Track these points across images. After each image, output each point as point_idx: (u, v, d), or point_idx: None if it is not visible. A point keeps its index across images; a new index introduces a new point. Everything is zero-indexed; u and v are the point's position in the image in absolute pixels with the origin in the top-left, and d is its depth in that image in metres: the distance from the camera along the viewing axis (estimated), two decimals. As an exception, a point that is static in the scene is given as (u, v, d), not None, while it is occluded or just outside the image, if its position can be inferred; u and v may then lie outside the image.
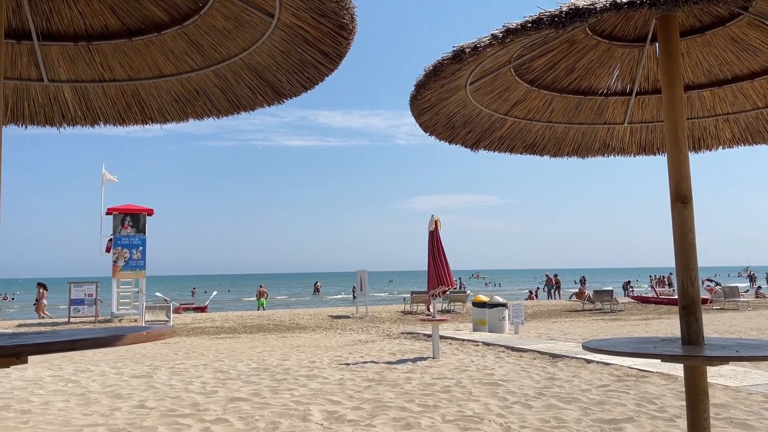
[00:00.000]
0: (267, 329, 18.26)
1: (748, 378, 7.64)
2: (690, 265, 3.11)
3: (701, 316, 3.14)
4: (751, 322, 16.91)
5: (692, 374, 3.06)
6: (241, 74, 3.25)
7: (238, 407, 6.68)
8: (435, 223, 11.21)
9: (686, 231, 3.13)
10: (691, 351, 2.94)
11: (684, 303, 3.12)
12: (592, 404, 6.47)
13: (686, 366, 3.09)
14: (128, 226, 20.49)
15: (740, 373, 8.00)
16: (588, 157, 4.57)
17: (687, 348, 3.02)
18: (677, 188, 3.16)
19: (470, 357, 10.59)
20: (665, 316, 21.21)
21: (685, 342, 3.10)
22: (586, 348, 3.19)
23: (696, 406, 3.04)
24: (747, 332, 14.15)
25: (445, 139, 4.06)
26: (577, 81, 4.05)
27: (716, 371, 8.07)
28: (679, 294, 3.16)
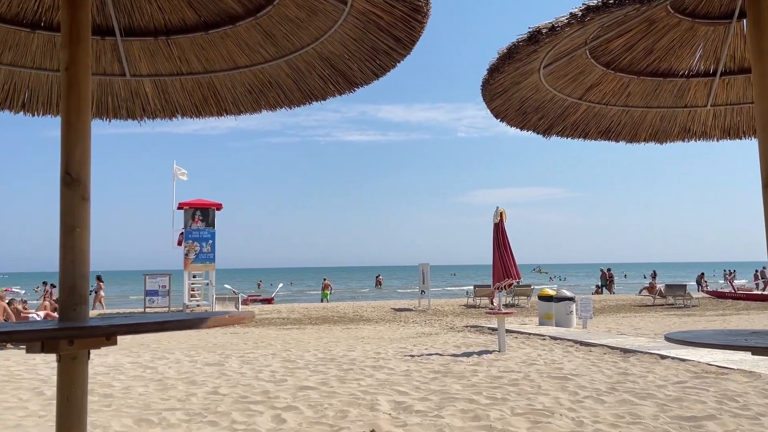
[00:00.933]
0: (331, 321, 18.53)
1: (840, 377, 7.18)
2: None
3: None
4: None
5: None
6: (313, 64, 3.28)
7: (307, 395, 6.80)
8: (500, 214, 11.04)
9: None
10: (788, 343, 2.77)
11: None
12: (669, 401, 6.23)
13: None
14: (198, 220, 21.17)
15: (831, 371, 7.52)
16: (666, 143, 4.38)
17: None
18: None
19: (537, 351, 10.40)
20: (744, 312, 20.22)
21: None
22: (668, 340, 3.06)
23: (791, 403, 2.87)
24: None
25: (516, 126, 3.98)
26: (656, 62, 3.88)
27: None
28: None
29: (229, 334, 14.39)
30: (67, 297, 2.32)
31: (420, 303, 24.86)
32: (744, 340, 2.84)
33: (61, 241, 2.35)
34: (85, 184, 2.38)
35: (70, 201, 2.35)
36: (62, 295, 2.33)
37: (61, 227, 2.36)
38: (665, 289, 23.99)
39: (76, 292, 2.33)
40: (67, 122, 2.35)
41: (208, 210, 21.34)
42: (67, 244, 2.35)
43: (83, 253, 2.35)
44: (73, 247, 2.34)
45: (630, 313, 20.56)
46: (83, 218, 2.37)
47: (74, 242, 2.35)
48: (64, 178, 2.35)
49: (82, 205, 2.36)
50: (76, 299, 2.32)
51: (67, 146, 2.35)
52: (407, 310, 22.67)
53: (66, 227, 2.36)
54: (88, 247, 2.39)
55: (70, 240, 2.35)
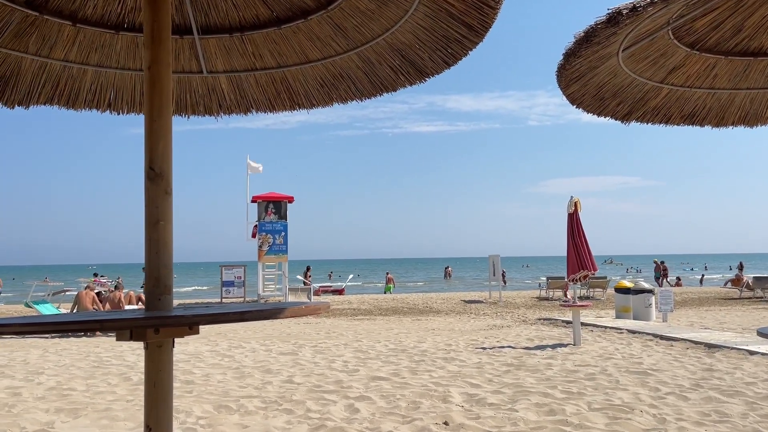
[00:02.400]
0: (401, 312, 18.60)
1: None
2: None
3: None
4: None
5: None
6: (384, 55, 3.27)
7: (380, 386, 6.85)
8: (574, 204, 10.73)
9: None
10: None
11: None
12: (759, 399, 5.90)
13: None
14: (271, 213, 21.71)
15: None
16: (757, 126, 4.12)
17: None
18: None
19: (614, 345, 10.08)
20: (842, 307, 18.86)
21: None
22: (761, 335, 2.89)
23: None
24: None
25: (594, 112, 3.84)
26: (746, 41, 3.65)
27: None
28: None
29: (302, 324, 14.71)
30: (152, 287, 2.42)
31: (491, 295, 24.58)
32: None
33: (146, 233, 2.45)
34: (168, 178, 2.47)
35: (154, 195, 2.44)
36: (148, 286, 2.44)
37: (146, 220, 2.46)
38: (753, 281, 22.68)
39: (161, 282, 2.42)
40: (150, 119, 2.44)
41: (280, 203, 21.84)
42: (152, 236, 2.44)
43: (167, 245, 2.44)
44: (158, 239, 2.43)
45: (714, 306, 19.60)
46: (166, 211, 2.46)
47: (158, 235, 2.44)
48: (148, 173, 2.45)
49: (165, 199, 2.45)
50: (161, 289, 2.42)
51: (150, 142, 2.44)
52: (478, 302, 22.47)
53: (150, 220, 2.45)
54: (171, 239, 2.48)
55: (154, 233, 2.45)
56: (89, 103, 3.60)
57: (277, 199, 21.86)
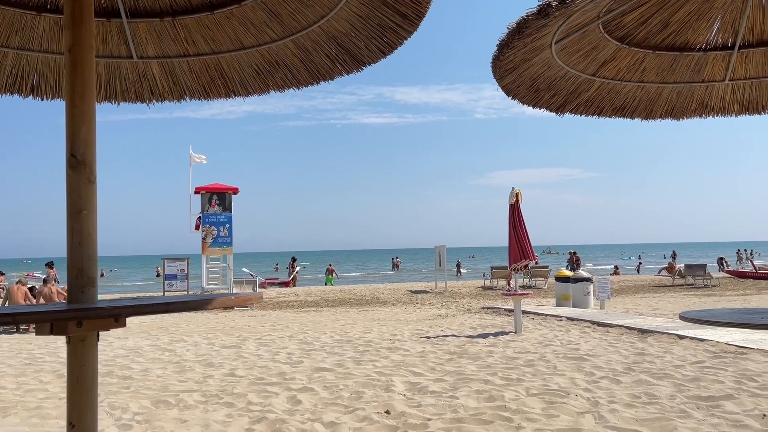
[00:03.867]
0: (348, 303, 18.61)
1: None
2: (803, 230, 2.87)
3: (816, 284, 2.89)
4: None
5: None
6: (320, 43, 3.23)
7: (323, 377, 6.84)
8: (516, 195, 10.95)
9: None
10: (805, 322, 2.72)
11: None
12: (687, 381, 6.17)
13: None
14: (215, 205, 21.30)
15: None
16: (683, 119, 4.28)
17: (799, 319, 2.79)
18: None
19: (554, 332, 10.36)
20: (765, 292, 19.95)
21: (798, 313, 2.87)
22: (683, 319, 3.02)
23: (809, 382, 2.81)
24: None
25: (529, 103, 3.91)
26: (673, 36, 3.78)
27: (826, 349, 7.50)
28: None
29: (247, 317, 14.53)
30: (75, 279, 2.33)
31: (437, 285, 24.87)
32: (760, 318, 2.78)
33: (68, 224, 2.36)
34: (91, 166, 2.38)
35: (77, 183, 2.35)
36: (70, 278, 2.34)
37: (68, 210, 2.36)
38: (685, 269, 23.74)
39: (84, 274, 2.34)
40: (71, 104, 2.35)
41: (224, 194, 21.44)
42: (74, 226, 2.35)
43: (90, 235, 2.36)
44: (81, 229, 2.34)
45: (649, 293, 20.40)
46: (90, 200, 2.37)
47: (81, 225, 2.35)
48: (70, 160, 2.35)
49: (89, 188, 2.36)
50: (84, 281, 2.33)
51: (71, 128, 2.34)
52: (424, 292, 22.70)
53: (73, 210, 2.36)
54: (96, 229, 2.39)
55: (77, 223, 2.35)
56: (10, 87, 3.43)
57: (221, 191, 21.46)
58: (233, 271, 21.83)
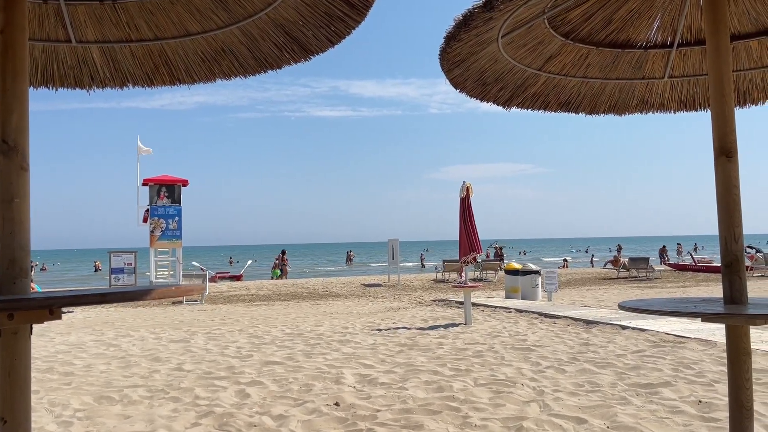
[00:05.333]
0: (301, 297, 18.51)
1: (790, 344, 7.44)
2: (734, 222, 2.99)
3: (745, 274, 3.02)
4: (794, 289, 16.46)
5: (734, 334, 2.96)
6: (267, 30, 3.18)
7: (273, 370, 6.79)
8: (467, 189, 11.08)
9: (730, 186, 3.00)
10: (734, 309, 2.84)
11: (727, 261, 3.00)
12: (628, 369, 6.38)
13: (728, 326, 2.98)
14: (164, 197, 20.83)
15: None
16: (625, 115, 4.41)
17: (729, 307, 2.91)
18: (722, 142, 3.02)
19: (503, 323, 10.55)
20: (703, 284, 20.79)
21: (728, 301, 2.99)
22: (622, 308, 3.11)
23: (738, 368, 2.94)
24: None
25: (476, 96, 3.95)
26: (615, 33, 3.87)
27: (757, 337, 7.87)
28: (722, 251, 3.03)
29: (197, 312, 14.28)
30: (6, 270, 2.24)
31: (390, 278, 24.98)
32: (693, 306, 2.89)
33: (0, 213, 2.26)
34: (24, 152, 2.28)
35: (8, 170, 2.25)
36: (1, 268, 2.25)
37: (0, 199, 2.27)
38: (629, 262, 24.51)
39: (16, 264, 2.25)
40: (3, 87, 2.25)
41: (173, 186, 20.99)
42: (5, 215, 2.26)
43: (23, 224, 2.27)
44: (12, 218, 2.25)
45: (595, 285, 20.98)
46: (22, 188, 2.28)
47: (13, 214, 2.26)
48: (1, 146, 2.25)
49: (21, 175, 2.27)
50: (16, 272, 2.24)
51: (2, 113, 2.24)
52: (377, 285, 22.76)
53: (4, 198, 2.26)
54: (28, 218, 2.30)
55: (8, 211, 2.26)
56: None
57: (170, 183, 20.99)
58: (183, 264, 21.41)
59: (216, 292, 20.39)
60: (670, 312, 2.86)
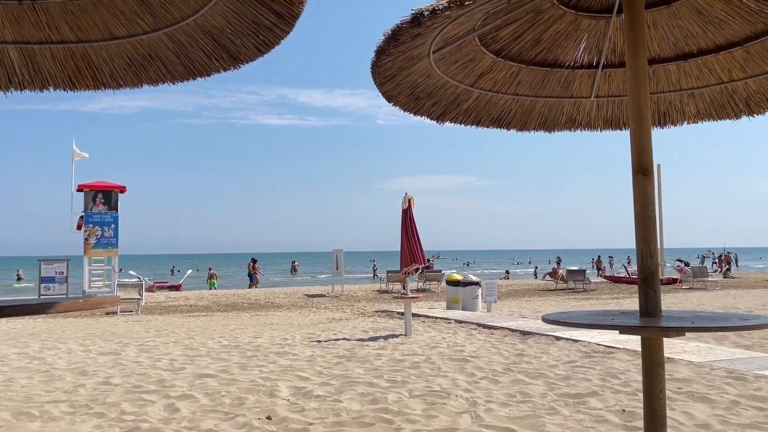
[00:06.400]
0: (241, 308, 18.18)
1: (711, 354, 7.78)
2: (649, 238, 3.11)
3: (659, 288, 3.14)
4: (718, 300, 17.25)
5: (649, 346, 3.07)
6: (195, 37, 3.13)
7: (205, 383, 6.62)
8: (408, 201, 11.16)
9: (647, 203, 3.12)
10: (648, 322, 2.95)
11: (643, 275, 3.12)
12: (558, 379, 6.53)
13: (643, 338, 3.10)
14: (100, 204, 20.15)
15: (704, 348, 8.14)
16: (554, 132, 4.54)
17: (644, 320, 3.02)
18: (639, 160, 3.15)
19: (442, 334, 10.63)
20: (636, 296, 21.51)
21: (643, 314, 3.10)
22: (545, 320, 3.18)
23: (652, 378, 3.05)
24: (713, 310, 14.42)
25: (410, 110, 3.99)
26: (544, 53, 3.99)
27: (681, 347, 8.20)
28: (638, 266, 3.15)
29: (131, 323, 13.83)
30: None
31: (333, 289, 24.86)
32: (611, 319, 2.98)
33: None
34: None
35: None
36: None
37: None
38: (567, 274, 25.17)
39: None
40: None
41: (110, 192, 20.33)
42: None
43: None
44: None
45: (534, 297, 21.44)
46: None
47: None
48: None
49: None
50: None
51: None
52: (320, 296, 22.61)
53: None
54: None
55: None
56: None
57: (106, 189, 20.32)
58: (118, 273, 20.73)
59: (153, 303, 19.81)
60: (589, 325, 2.95)
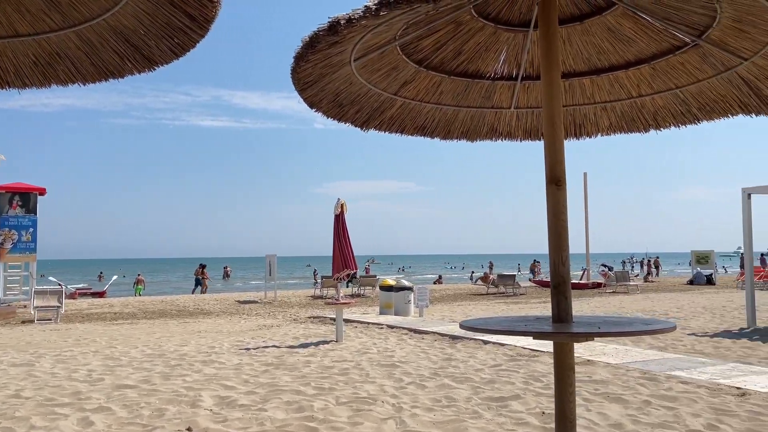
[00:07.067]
0: (169, 315, 17.65)
1: (628, 355, 8.12)
2: (561, 246, 3.21)
3: (570, 295, 3.25)
4: (637, 304, 18.04)
5: (560, 351, 3.16)
6: (107, 37, 3.02)
7: (124, 395, 6.39)
8: (341, 206, 11.14)
9: (559, 212, 3.22)
10: (559, 328, 3.04)
11: (555, 282, 3.22)
12: (483, 383, 6.65)
13: (555, 343, 3.19)
14: (17, 206, 19.14)
15: (622, 351, 8.49)
16: (477, 141, 4.63)
17: (556, 326, 3.11)
18: (552, 171, 3.24)
19: (373, 340, 10.65)
20: (563, 300, 22.21)
21: (555, 320, 3.20)
22: (462, 327, 3.23)
23: (563, 381, 3.15)
24: (632, 313, 15.07)
25: (334, 117, 3.98)
26: (465, 64, 4.07)
27: (601, 350, 8.52)
28: (551, 273, 3.25)
29: (48, 331, 13.17)
30: None
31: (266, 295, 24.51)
32: (524, 325, 3.06)
33: None
34: None
35: None
36: None
37: None
38: (497, 278, 25.73)
39: None
40: None
41: (28, 195, 19.34)
42: None
43: None
44: None
45: (465, 301, 21.79)
46: None
47: None
48: None
49: None
50: None
51: None
52: (252, 302, 22.23)
53: None
54: None
55: None
56: None
57: (24, 191, 19.32)
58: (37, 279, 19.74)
59: (74, 310, 18.94)
60: (503, 331, 3.01)
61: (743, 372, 6.93)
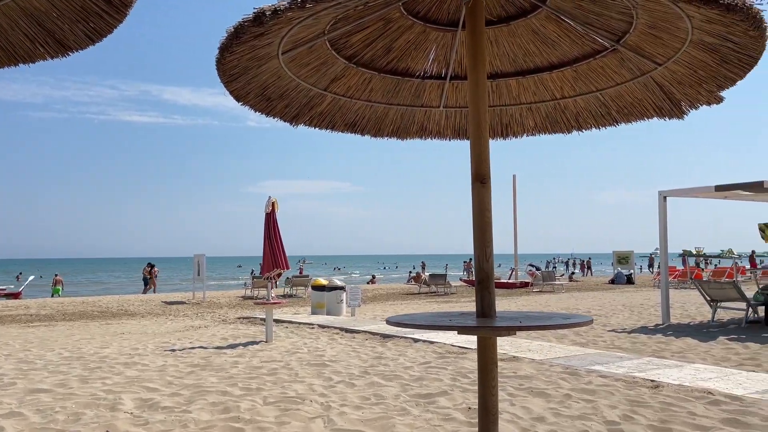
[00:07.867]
0: (90, 316, 16.91)
1: (552, 351, 8.38)
2: (486, 242, 3.26)
3: (494, 290, 3.31)
4: (562, 302, 18.67)
5: (483, 345, 3.22)
6: (16, 19, 2.84)
7: (38, 399, 6.07)
8: (272, 204, 10.97)
9: (484, 210, 3.28)
10: (482, 323, 3.09)
11: (479, 278, 3.27)
12: (412, 380, 6.71)
13: (479, 337, 3.25)
14: None
15: (546, 347, 8.75)
16: (407, 139, 4.66)
17: (479, 320, 3.17)
18: (477, 169, 3.29)
19: (304, 339, 10.56)
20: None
21: (479, 315, 3.25)
22: (389, 323, 3.24)
23: (486, 376, 3.20)
24: (558, 310, 15.59)
25: (261, 111, 3.91)
26: (395, 61, 4.08)
27: (526, 346, 8.76)
28: (476, 269, 3.30)
29: (-44, 335, 12.35)
30: None
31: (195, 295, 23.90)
32: (449, 320, 3.10)
33: None
34: None
35: None
36: None
37: None
38: (429, 278, 26.06)
39: None
40: None
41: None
42: None
43: None
44: None
45: (398, 300, 21.94)
46: None
47: None
48: None
49: None
50: None
51: None
52: (180, 303, 21.60)
53: None
54: None
55: None
56: None
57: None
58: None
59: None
60: (428, 326, 3.04)
61: (657, 366, 7.29)
